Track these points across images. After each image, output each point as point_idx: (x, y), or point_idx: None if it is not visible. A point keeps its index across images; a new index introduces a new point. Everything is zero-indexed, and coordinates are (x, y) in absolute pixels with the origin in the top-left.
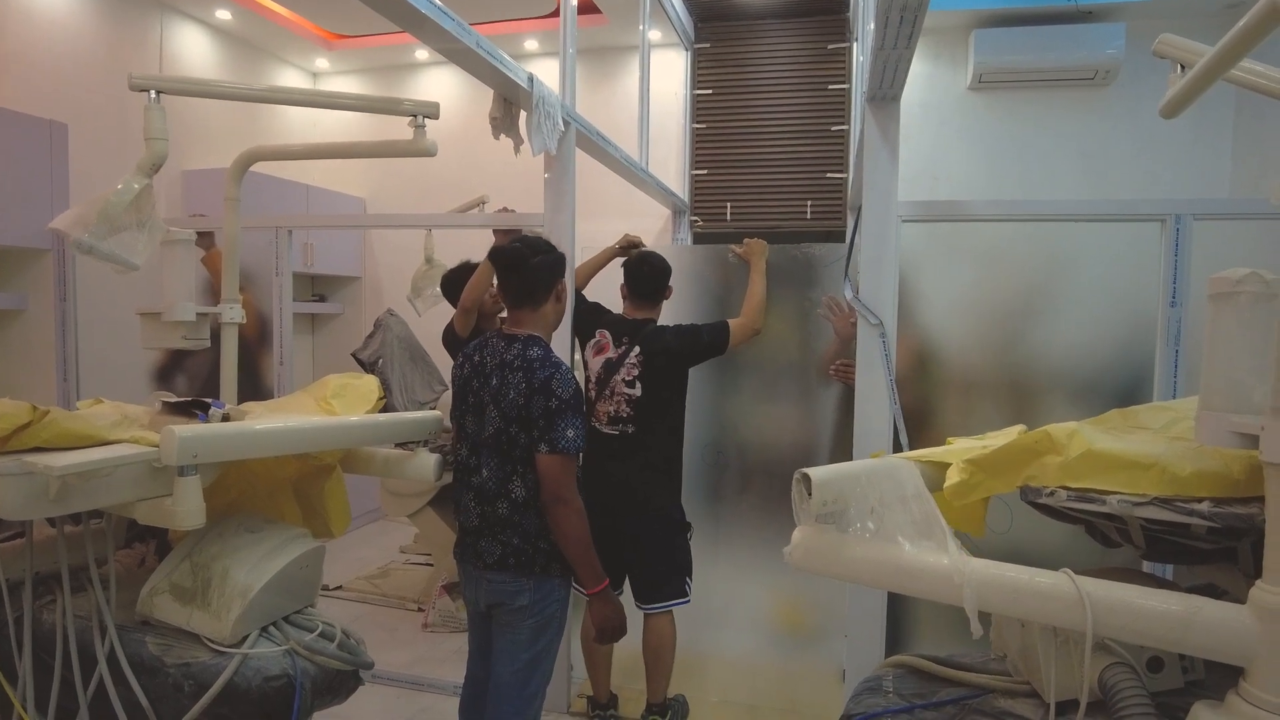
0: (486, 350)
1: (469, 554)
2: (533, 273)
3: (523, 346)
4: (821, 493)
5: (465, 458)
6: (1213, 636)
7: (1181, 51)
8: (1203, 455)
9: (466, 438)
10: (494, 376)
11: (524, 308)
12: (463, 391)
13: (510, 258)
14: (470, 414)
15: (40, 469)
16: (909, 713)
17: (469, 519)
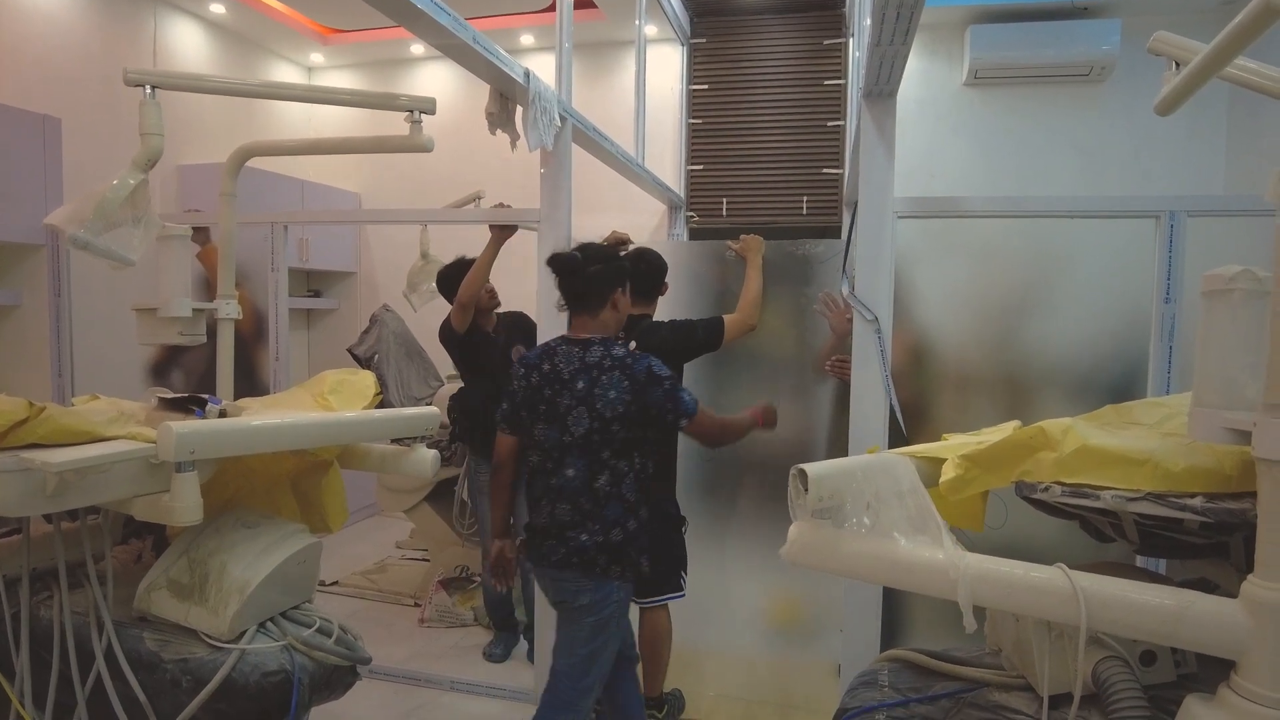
0: (557, 357)
1: (535, 553)
2: (587, 281)
3: (603, 348)
4: (818, 488)
5: (539, 462)
6: (1205, 630)
7: (1176, 49)
8: (1196, 451)
9: (536, 444)
10: (579, 380)
11: (582, 314)
12: (531, 400)
13: (566, 265)
14: (542, 421)
15: (37, 465)
16: (904, 706)
17: (539, 518)
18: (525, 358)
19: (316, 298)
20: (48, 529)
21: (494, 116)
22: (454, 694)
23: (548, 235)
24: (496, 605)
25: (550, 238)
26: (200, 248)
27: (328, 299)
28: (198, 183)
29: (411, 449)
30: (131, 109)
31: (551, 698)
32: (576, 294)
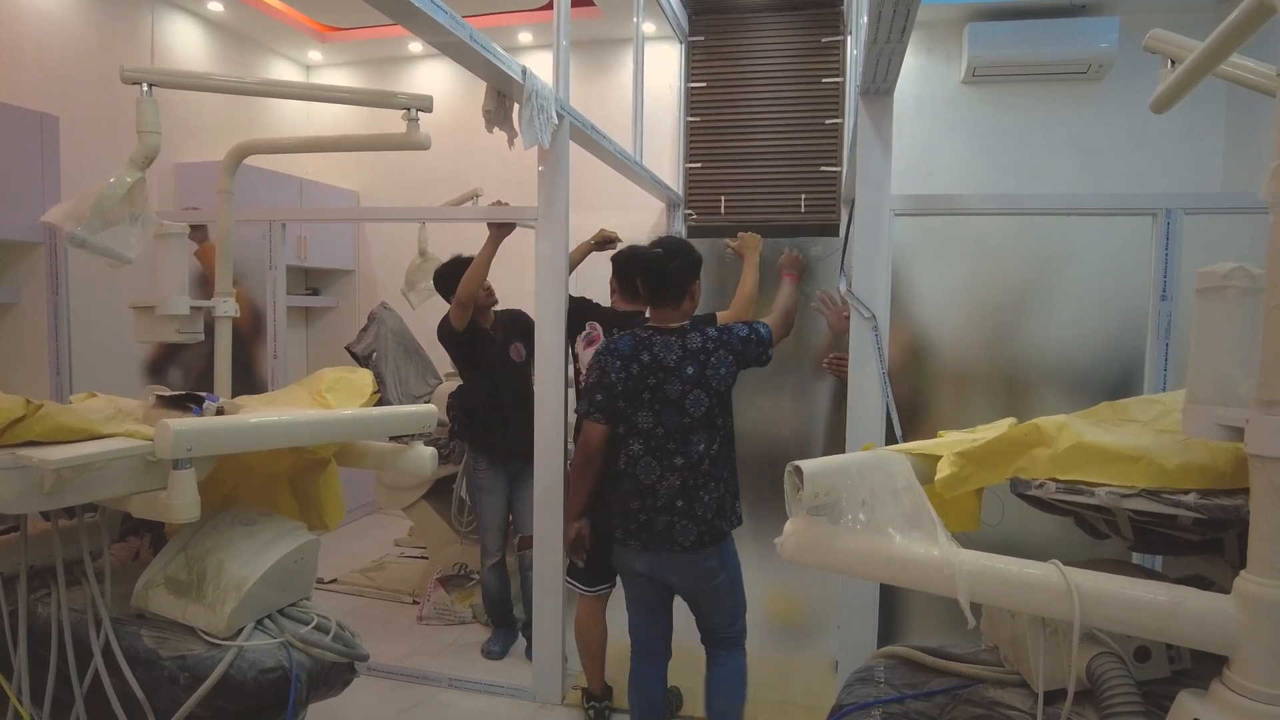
0: (655, 347)
1: (659, 540)
2: (671, 278)
3: (698, 334)
4: (813, 485)
5: (647, 446)
6: (1198, 626)
7: (1172, 46)
8: (1190, 447)
9: (641, 431)
10: (687, 366)
11: (664, 307)
12: (635, 390)
13: (653, 264)
14: (647, 408)
15: (35, 463)
16: (900, 703)
17: (657, 500)
18: (616, 351)
19: (315, 296)
20: (45, 526)
21: (491, 114)
22: (452, 691)
23: (545, 233)
24: (495, 603)
25: (548, 236)
26: (198, 246)
27: (326, 297)
28: (196, 181)
29: (410, 446)
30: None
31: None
32: (660, 289)
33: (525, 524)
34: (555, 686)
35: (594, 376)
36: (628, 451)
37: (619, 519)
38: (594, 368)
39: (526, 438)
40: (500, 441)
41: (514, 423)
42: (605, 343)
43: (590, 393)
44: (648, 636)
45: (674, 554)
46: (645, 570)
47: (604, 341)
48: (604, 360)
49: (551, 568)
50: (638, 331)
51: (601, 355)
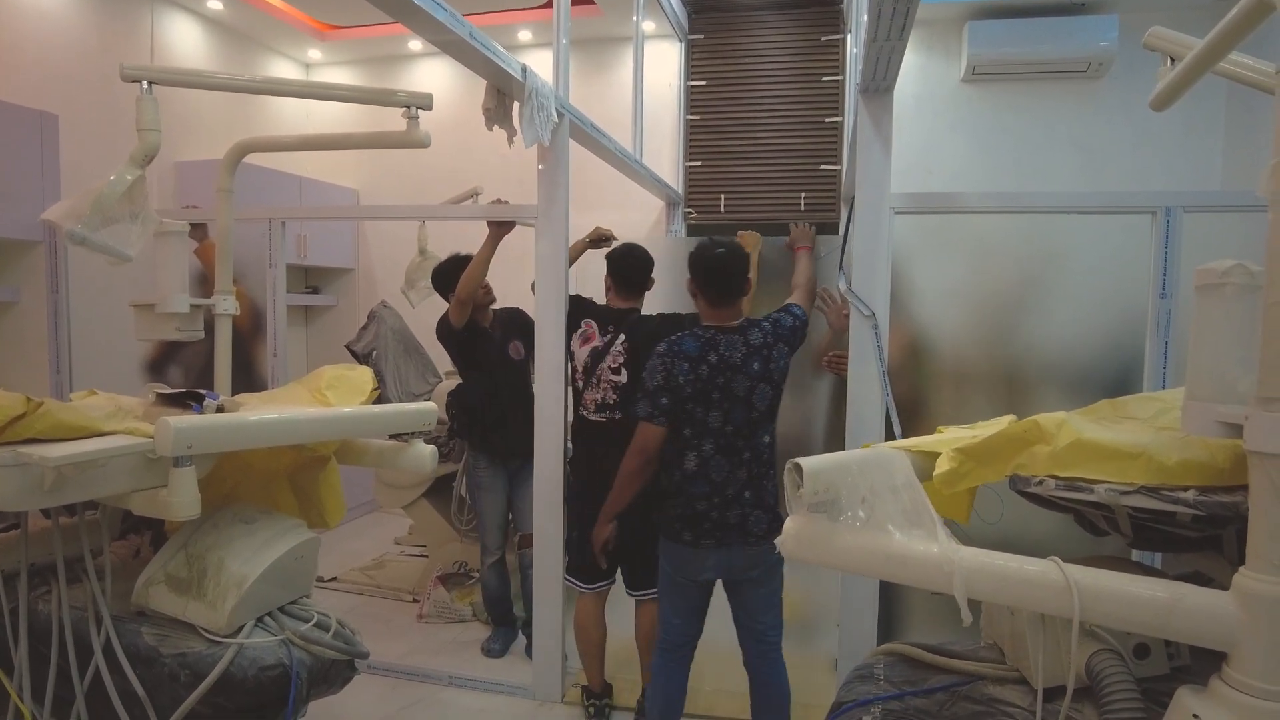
0: (720, 347)
1: (733, 534)
2: (735, 278)
3: (757, 329)
4: (813, 482)
5: (719, 445)
6: (1197, 622)
7: (1171, 44)
8: (1189, 445)
9: (711, 430)
10: (753, 362)
11: (727, 306)
12: (705, 390)
13: (723, 264)
14: (717, 408)
15: (35, 460)
16: (899, 700)
17: (726, 495)
18: (682, 353)
19: (315, 294)
20: (46, 524)
21: (491, 112)
22: (452, 689)
23: (545, 231)
24: (495, 601)
25: (548, 234)
26: (198, 244)
27: (326, 295)
28: (196, 179)
29: (410, 444)
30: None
31: (769, 661)
32: (726, 290)
33: (525, 522)
34: (555, 684)
35: (658, 379)
36: (699, 452)
37: (684, 523)
38: (656, 370)
39: (525, 436)
40: (499, 440)
41: (513, 421)
42: (667, 345)
43: (654, 395)
44: (682, 636)
45: (747, 546)
46: (714, 570)
47: (665, 344)
48: (669, 363)
49: (551, 566)
50: (699, 332)
51: (665, 358)
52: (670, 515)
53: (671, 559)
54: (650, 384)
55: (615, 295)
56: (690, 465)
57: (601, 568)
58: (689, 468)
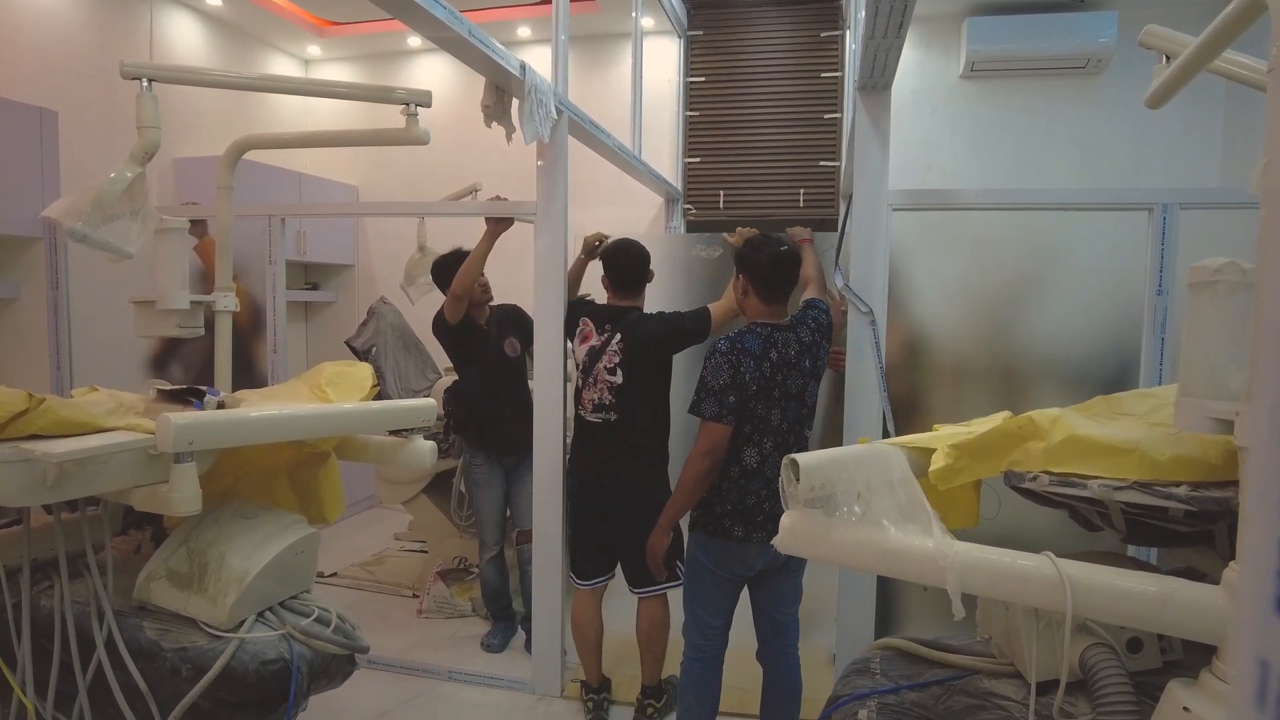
0: (778, 345)
1: None
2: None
3: (805, 327)
4: (809, 478)
5: (778, 443)
6: (1188, 616)
7: (1167, 42)
8: (1181, 441)
9: (774, 428)
10: (805, 359)
11: (780, 303)
12: (768, 387)
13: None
14: (777, 406)
15: (38, 456)
16: (895, 694)
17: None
18: (747, 350)
19: (314, 290)
20: (47, 520)
21: (490, 109)
22: (452, 683)
23: (544, 228)
24: (494, 596)
25: (547, 231)
26: (197, 240)
27: (325, 292)
28: (195, 176)
29: (410, 440)
30: (127, 101)
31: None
32: (785, 289)
33: (522, 518)
34: (554, 679)
35: (724, 378)
36: (760, 449)
37: (734, 518)
38: (722, 369)
39: (522, 433)
40: (495, 436)
41: (509, 418)
42: (728, 343)
43: (722, 394)
44: (721, 638)
45: None
46: (761, 561)
47: (725, 342)
48: (735, 360)
49: (551, 562)
50: (757, 329)
51: (730, 356)
52: (717, 512)
53: (715, 556)
54: (716, 383)
55: (613, 294)
56: (750, 462)
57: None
58: (749, 464)
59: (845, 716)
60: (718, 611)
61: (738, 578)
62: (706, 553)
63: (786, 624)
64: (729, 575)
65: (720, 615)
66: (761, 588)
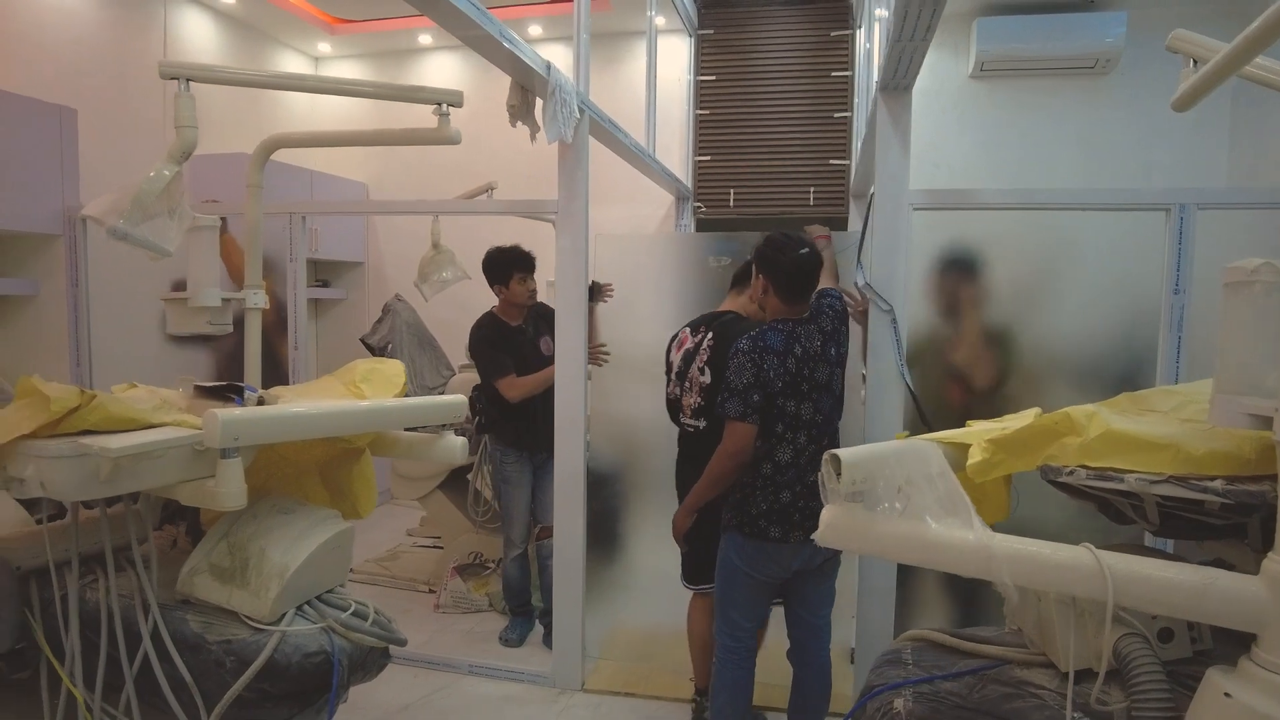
0: (801, 339)
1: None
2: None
3: (829, 318)
4: (851, 473)
5: (811, 439)
6: (1228, 605)
7: (1194, 46)
8: (1215, 436)
9: (805, 423)
10: (830, 348)
11: (804, 301)
12: (795, 382)
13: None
14: (808, 400)
15: (97, 451)
16: (929, 683)
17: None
18: (770, 348)
19: (324, 288)
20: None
21: (515, 109)
22: (472, 677)
23: (565, 227)
24: (516, 592)
25: (568, 229)
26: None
27: (335, 289)
28: (205, 172)
29: (441, 436)
30: (142, 98)
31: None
32: (806, 289)
33: (545, 514)
34: (575, 673)
35: (747, 377)
36: (795, 445)
37: (770, 519)
38: (745, 368)
39: (551, 429)
40: (529, 434)
41: (539, 415)
42: (750, 342)
43: (745, 393)
44: (753, 640)
45: None
46: (798, 562)
47: (748, 341)
48: (758, 359)
49: (573, 558)
50: (778, 326)
51: (752, 354)
52: (753, 514)
53: (750, 559)
54: (739, 382)
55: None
56: (784, 459)
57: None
58: (782, 461)
59: (881, 705)
60: (751, 614)
61: (773, 580)
62: (742, 555)
63: (821, 628)
64: (764, 578)
65: (753, 618)
66: (795, 591)
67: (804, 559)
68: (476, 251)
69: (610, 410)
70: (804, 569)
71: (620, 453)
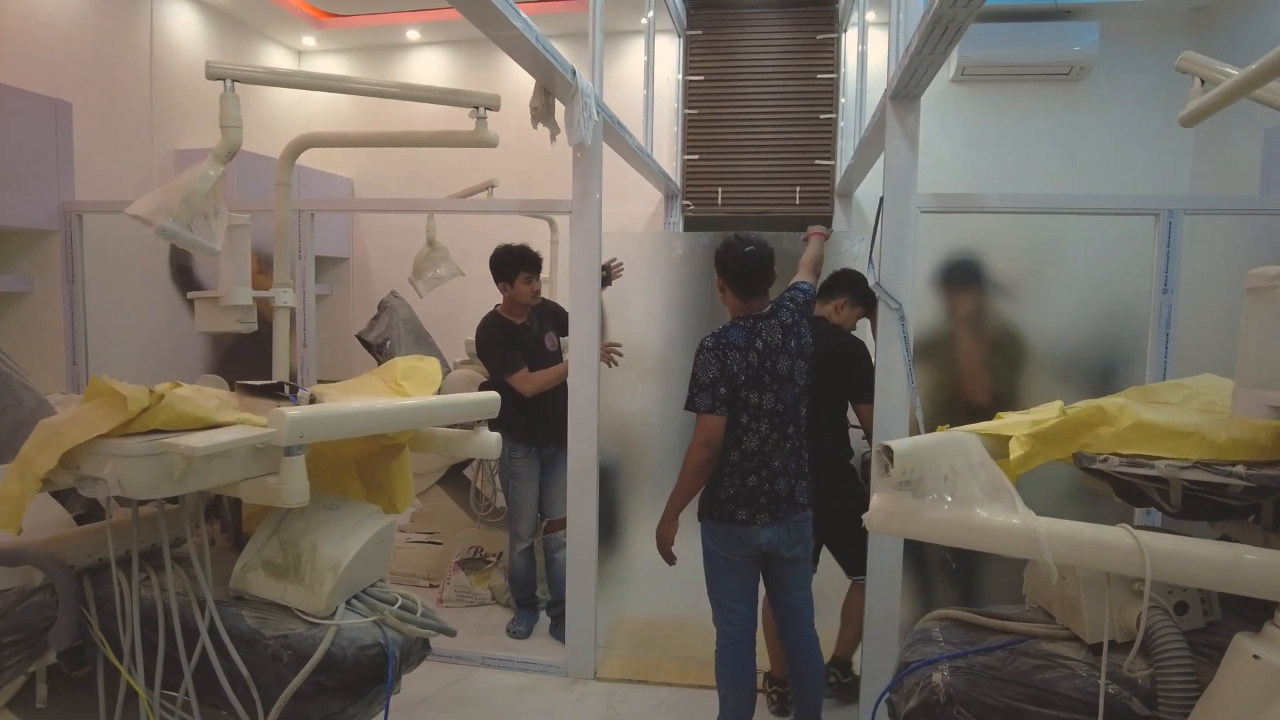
0: (762, 334)
1: (783, 508)
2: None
3: (785, 310)
4: (902, 463)
5: (774, 424)
6: (1258, 576)
7: (1201, 68)
8: (1234, 424)
9: (767, 412)
10: (791, 340)
11: (761, 297)
12: (757, 374)
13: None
14: (769, 390)
15: (182, 450)
16: (963, 658)
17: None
18: (732, 344)
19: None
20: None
21: (537, 111)
22: (486, 669)
23: (579, 226)
24: (522, 585)
25: (581, 228)
26: None
27: (320, 285)
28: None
29: (477, 431)
30: (131, 92)
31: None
32: (756, 285)
33: (554, 508)
34: (588, 663)
35: (713, 372)
36: (757, 433)
37: (736, 502)
38: (710, 364)
39: (559, 422)
40: (537, 428)
41: (549, 409)
42: (714, 339)
43: (712, 388)
44: (748, 623)
45: (794, 516)
46: (767, 542)
47: (711, 339)
48: (722, 354)
49: (585, 550)
50: (740, 323)
51: (716, 351)
52: (721, 498)
53: (723, 541)
54: (706, 377)
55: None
56: (750, 447)
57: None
58: (749, 449)
59: (920, 680)
60: (738, 596)
61: (747, 560)
62: (715, 539)
63: (799, 606)
64: (739, 559)
65: (741, 600)
66: (771, 574)
67: (771, 540)
68: (471, 248)
69: (613, 405)
70: (774, 552)
71: (619, 447)
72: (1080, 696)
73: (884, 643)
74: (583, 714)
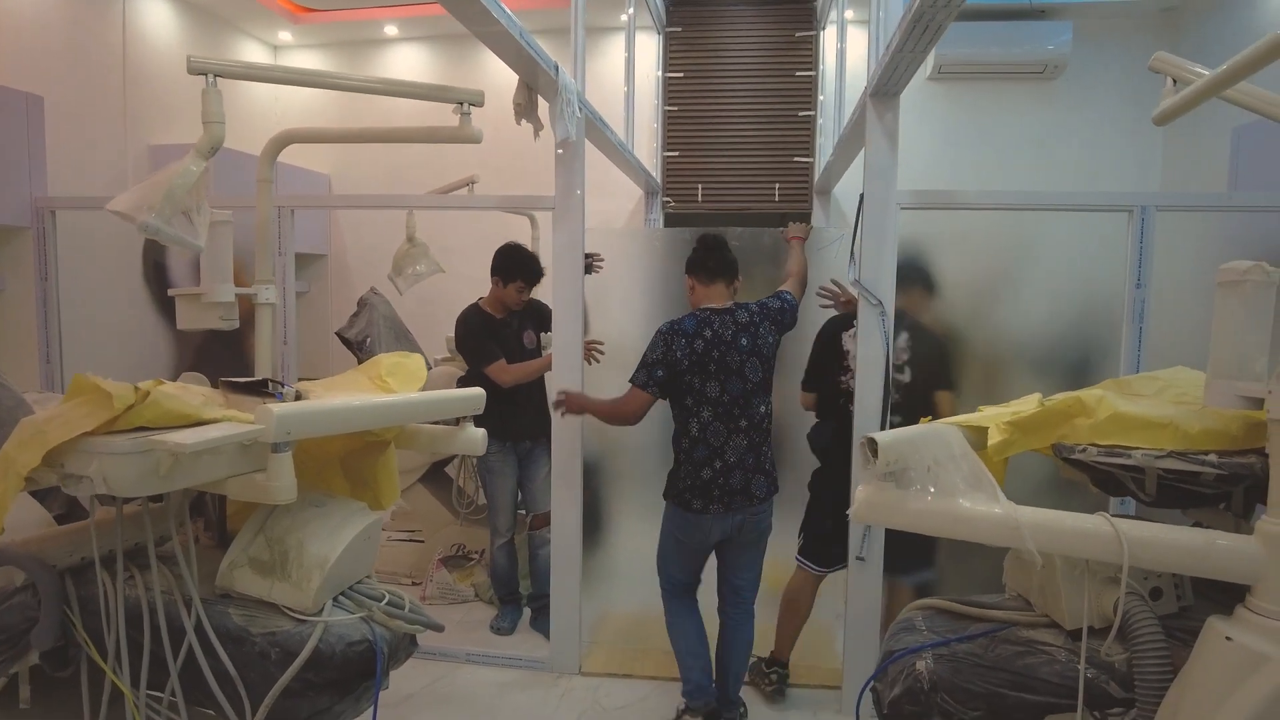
0: (714, 325)
1: (739, 498)
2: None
3: (744, 310)
4: (886, 454)
5: (717, 413)
6: (1228, 561)
7: (1174, 68)
8: (1207, 415)
9: (710, 400)
10: (742, 338)
11: (720, 283)
12: (702, 362)
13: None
14: (714, 379)
15: (170, 447)
16: (946, 646)
17: (728, 460)
18: (681, 330)
19: None
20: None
21: (520, 107)
22: (470, 665)
23: (562, 223)
24: (504, 580)
25: (564, 225)
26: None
27: (298, 282)
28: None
29: (463, 428)
30: (104, 86)
31: (740, 612)
32: (711, 269)
33: (537, 503)
34: (573, 658)
35: (658, 354)
36: (699, 419)
37: (694, 492)
38: (657, 346)
39: (535, 418)
40: (512, 423)
41: (524, 405)
42: (668, 325)
43: (652, 367)
44: (694, 580)
45: (749, 508)
46: (720, 534)
47: (666, 324)
48: (669, 339)
49: (570, 545)
50: (697, 313)
51: (666, 335)
52: (680, 487)
53: (680, 527)
54: (650, 357)
55: None
56: (694, 431)
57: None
58: (693, 433)
59: (904, 668)
60: (686, 571)
61: (700, 547)
62: (674, 522)
63: (741, 587)
64: (693, 544)
65: (684, 569)
66: (722, 553)
67: (725, 530)
68: (450, 244)
69: None
70: (727, 538)
71: (602, 443)
72: (1060, 681)
73: (866, 632)
74: (568, 708)
